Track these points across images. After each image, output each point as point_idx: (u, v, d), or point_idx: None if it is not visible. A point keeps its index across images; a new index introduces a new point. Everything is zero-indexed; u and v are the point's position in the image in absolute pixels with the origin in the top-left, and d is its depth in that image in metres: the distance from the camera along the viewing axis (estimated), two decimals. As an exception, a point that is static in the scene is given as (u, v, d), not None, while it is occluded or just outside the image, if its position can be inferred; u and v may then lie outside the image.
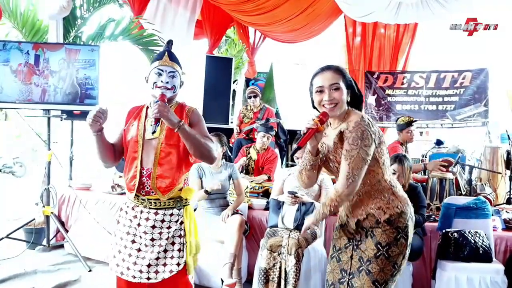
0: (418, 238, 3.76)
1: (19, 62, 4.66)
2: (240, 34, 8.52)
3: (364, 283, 2.26)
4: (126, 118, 2.75)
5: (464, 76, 7.83)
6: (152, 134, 2.51)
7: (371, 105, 8.27)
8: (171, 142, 2.59)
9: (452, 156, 5.28)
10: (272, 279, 3.60)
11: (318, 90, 2.28)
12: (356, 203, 2.32)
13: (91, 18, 5.74)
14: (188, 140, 2.50)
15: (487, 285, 3.52)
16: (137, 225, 2.62)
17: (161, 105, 2.41)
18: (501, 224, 4.16)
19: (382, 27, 8.22)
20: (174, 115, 2.46)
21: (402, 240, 2.27)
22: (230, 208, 4.23)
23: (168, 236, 2.60)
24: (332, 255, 2.48)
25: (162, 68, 2.60)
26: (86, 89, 4.79)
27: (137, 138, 2.63)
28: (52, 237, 4.98)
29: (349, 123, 2.22)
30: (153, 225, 2.60)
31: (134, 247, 2.61)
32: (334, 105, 2.24)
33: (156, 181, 2.58)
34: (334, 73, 2.29)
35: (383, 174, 2.29)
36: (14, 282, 4.16)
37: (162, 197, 2.60)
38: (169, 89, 2.58)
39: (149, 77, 2.62)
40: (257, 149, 5.84)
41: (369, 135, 2.17)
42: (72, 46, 4.88)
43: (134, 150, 2.63)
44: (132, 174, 2.62)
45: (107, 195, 5.03)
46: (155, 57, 2.69)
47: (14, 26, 5.47)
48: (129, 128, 2.70)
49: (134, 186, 2.59)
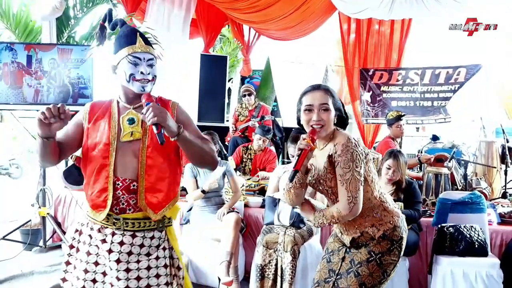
0: (414, 234, 3.77)
1: (5, 61, 4.64)
2: (234, 32, 8.51)
3: (351, 284, 2.26)
4: (89, 115, 2.16)
5: (459, 72, 7.83)
6: (161, 144, 1.96)
7: (367, 101, 8.27)
8: (158, 147, 2.05)
9: (448, 151, 5.29)
10: (268, 275, 3.60)
11: (307, 109, 2.24)
12: (349, 223, 2.32)
13: (84, 18, 5.75)
14: (189, 149, 2.06)
15: (483, 279, 3.53)
16: (107, 252, 2.05)
17: (155, 108, 1.92)
18: (497, 218, 4.17)
19: (377, 23, 8.21)
20: (172, 120, 1.97)
21: (396, 251, 2.29)
22: (226, 206, 4.22)
23: (149, 265, 2.08)
24: (324, 256, 2.50)
25: (139, 56, 2.07)
26: (79, 88, 4.79)
27: (108, 140, 2.07)
28: (49, 238, 4.98)
29: (337, 146, 2.19)
30: (130, 251, 2.06)
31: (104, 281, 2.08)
32: (321, 126, 2.21)
33: (145, 196, 2.06)
34: (324, 93, 2.26)
35: (372, 192, 2.30)
36: (11, 283, 4.15)
37: (154, 216, 2.08)
38: (150, 80, 2.09)
39: (120, 67, 2.08)
40: (254, 150, 5.85)
41: (358, 156, 2.17)
42: (64, 46, 4.88)
43: (104, 155, 2.06)
44: (102, 187, 2.06)
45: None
46: (121, 40, 2.10)
47: (7, 27, 5.47)
48: (94, 128, 2.13)
49: (106, 202, 2.04)
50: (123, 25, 2.18)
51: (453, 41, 7.75)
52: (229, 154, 6.16)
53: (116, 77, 2.14)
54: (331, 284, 2.34)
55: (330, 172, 2.24)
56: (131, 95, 2.14)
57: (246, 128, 6.73)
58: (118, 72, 2.10)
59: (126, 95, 2.16)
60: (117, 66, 2.10)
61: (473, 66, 7.76)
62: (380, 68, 8.26)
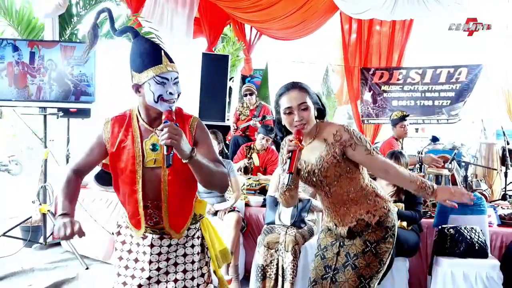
0: (415, 235, 3.77)
1: (9, 61, 4.64)
2: (236, 31, 8.52)
3: (349, 277, 2.29)
4: (111, 139, 2.13)
5: (460, 71, 7.84)
6: (166, 167, 1.93)
7: (367, 101, 8.28)
8: (179, 168, 2.02)
9: (448, 152, 5.30)
10: (269, 275, 3.61)
11: (287, 112, 2.26)
12: (344, 212, 2.35)
13: (87, 16, 5.74)
14: (200, 173, 2.00)
15: (483, 280, 3.53)
16: (149, 246, 2.17)
17: (171, 128, 1.85)
18: (497, 220, 4.17)
19: (378, 23, 8.22)
20: (186, 142, 1.91)
21: (390, 238, 2.33)
22: (227, 206, 4.24)
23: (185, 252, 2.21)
24: (317, 254, 2.50)
25: (167, 76, 2.02)
26: (82, 86, 4.78)
27: (134, 168, 2.09)
28: (49, 235, 4.98)
29: (338, 133, 2.26)
30: (169, 244, 2.19)
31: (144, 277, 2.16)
32: (303, 125, 2.24)
33: (169, 220, 2.13)
34: (300, 92, 2.27)
35: (364, 179, 2.36)
36: (11, 280, 4.16)
37: (177, 236, 2.17)
38: (176, 99, 2.06)
39: (147, 87, 2.01)
40: (257, 149, 5.85)
41: (358, 132, 2.29)
42: (67, 44, 4.88)
43: (132, 182, 2.10)
44: (133, 210, 2.14)
45: (104, 192, 5.02)
46: (146, 59, 2.03)
47: (9, 24, 5.46)
48: (119, 154, 2.12)
49: (140, 223, 2.14)
50: (136, 36, 2.10)
51: (454, 41, 7.77)
52: (230, 153, 6.16)
53: (139, 96, 2.08)
54: (328, 280, 2.36)
55: (327, 162, 2.26)
56: (155, 114, 2.10)
57: (247, 128, 6.73)
58: (144, 92, 2.03)
59: (149, 115, 2.12)
60: (141, 85, 2.04)
61: (474, 66, 7.78)
62: (381, 67, 8.27)
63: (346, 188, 2.31)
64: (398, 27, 8.13)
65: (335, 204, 2.37)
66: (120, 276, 2.21)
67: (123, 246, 2.25)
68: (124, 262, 2.22)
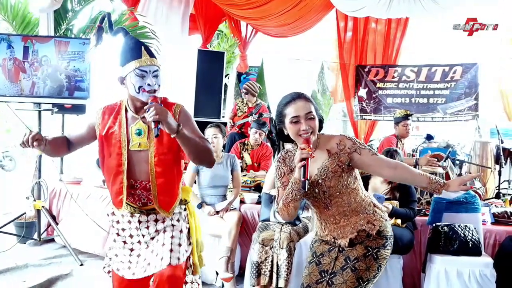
0: (409, 232, 3.79)
1: (3, 57, 4.61)
2: (232, 28, 8.50)
3: (348, 279, 2.29)
4: (101, 124, 2.41)
5: (455, 70, 7.88)
6: (155, 137, 2.20)
7: (362, 98, 8.30)
8: (164, 151, 2.34)
9: (443, 150, 5.31)
10: (264, 272, 3.61)
11: (294, 121, 2.28)
12: (345, 224, 2.36)
13: (82, 11, 5.69)
14: (188, 146, 2.25)
15: (476, 278, 3.55)
16: (136, 229, 2.44)
17: (157, 107, 2.14)
18: (491, 218, 4.20)
19: (374, 21, 8.25)
20: (172, 118, 2.19)
21: (389, 246, 2.38)
22: (227, 203, 4.26)
23: (171, 233, 2.41)
24: (311, 260, 2.48)
25: (145, 69, 2.28)
26: (76, 81, 4.75)
27: (120, 151, 2.35)
28: (43, 231, 4.97)
29: (341, 143, 2.33)
30: (156, 229, 2.43)
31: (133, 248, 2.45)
32: (309, 134, 2.26)
33: (158, 200, 2.36)
34: (306, 102, 2.31)
35: (362, 190, 2.40)
36: (5, 276, 4.14)
37: (166, 214, 2.40)
38: (156, 90, 2.31)
39: (128, 79, 2.29)
40: (251, 145, 5.85)
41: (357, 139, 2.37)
42: (61, 39, 4.85)
43: (118, 164, 2.35)
44: (118, 190, 2.37)
45: (98, 189, 5.02)
46: (128, 54, 2.31)
47: (4, 19, 5.42)
48: (107, 138, 2.39)
49: (122, 203, 2.37)
50: (126, 35, 2.38)
51: (449, 40, 7.80)
52: (227, 150, 6.16)
53: (124, 87, 2.36)
54: (324, 284, 2.35)
55: (332, 171, 2.29)
56: (140, 104, 2.35)
57: (243, 125, 6.74)
58: (127, 83, 2.31)
59: (134, 105, 2.38)
60: (125, 78, 2.31)
61: (469, 65, 7.80)
62: (376, 64, 8.28)
63: (347, 199, 2.33)
64: (393, 25, 8.16)
65: (335, 216, 2.37)
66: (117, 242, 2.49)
67: (118, 225, 2.49)
68: (120, 237, 2.48)
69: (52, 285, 4.03)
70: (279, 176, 2.43)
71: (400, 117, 5.42)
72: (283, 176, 2.41)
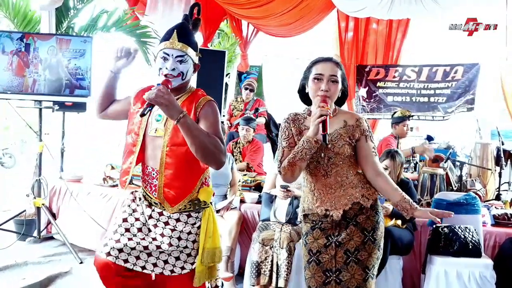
0: (409, 233, 3.79)
1: (11, 49, 4.60)
2: (233, 27, 8.49)
3: (355, 272, 2.30)
4: (134, 100, 2.39)
5: (456, 70, 7.86)
6: (140, 116, 2.17)
7: (362, 97, 8.30)
8: (178, 143, 2.21)
9: (443, 152, 5.31)
10: (264, 272, 3.61)
11: (317, 78, 2.30)
12: (340, 195, 2.35)
13: (84, 9, 5.68)
14: (189, 137, 2.08)
15: (476, 280, 3.56)
16: (148, 217, 2.34)
17: (160, 89, 2.04)
18: (491, 220, 4.20)
19: (375, 22, 8.24)
20: (174, 104, 2.05)
21: (381, 222, 2.40)
22: (228, 202, 4.27)
23: (179, 236, 2.30)
24: (310, 260, 2.42)
25: (168, 52, 2.21)
26: (77, 79, 4.74)
27: (138, 131, 2.30)
28: (43, 229, 4.96)
29: (359, 120, 2.37)
30: (166, 222, 2.31)
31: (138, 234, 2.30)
32: (327, 97, 2.27)
33: (163, 191, 2.28)
34: (334, 66, 2.33)
35: (358, 167, 2.44)
36: (5, 273, 4.14)
37: (171, 209, 2.29)
38: (176, 76, 2.20)
39: (156, 60, 2.26)
40: (242, 142, 5.85)
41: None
42: (63, 36, 4.84)
43: (134, 144, 2.30)
44: (126, 169, 2.32)
45: (99, 187, 5.01)
46: (163, 36, 2.28)
47: (5, 16, 5.41)
48: (133, 115, 2.35)
49: (125, 183, 2.32)
50: (188, 15, 2.37)
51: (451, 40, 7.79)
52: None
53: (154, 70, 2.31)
54: (333, 284, 2.33)
55: (343, 139, 2.33)
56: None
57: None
58: (155, 66, 2.27)
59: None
60: (155, 58, 2.28)
61: (470, 65, 7.80)
62: (377, 64, 8.28)
63: (347, 170, 2.35)
64: (394, 26, 8.15)
65: (332, 186, 2.36)
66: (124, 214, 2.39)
67: (131, 203, 2.41)
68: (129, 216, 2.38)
69: (52, 282, 4.03)
70: (286, 136, 2.40)
71: (400, 117, 5.41)
72: (290, 137, 2.39)
